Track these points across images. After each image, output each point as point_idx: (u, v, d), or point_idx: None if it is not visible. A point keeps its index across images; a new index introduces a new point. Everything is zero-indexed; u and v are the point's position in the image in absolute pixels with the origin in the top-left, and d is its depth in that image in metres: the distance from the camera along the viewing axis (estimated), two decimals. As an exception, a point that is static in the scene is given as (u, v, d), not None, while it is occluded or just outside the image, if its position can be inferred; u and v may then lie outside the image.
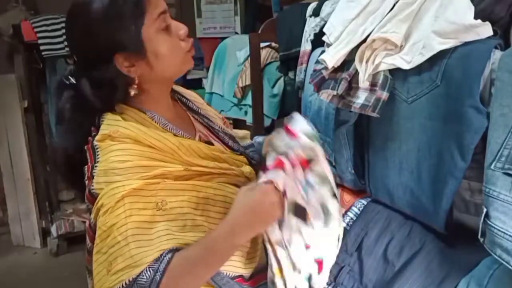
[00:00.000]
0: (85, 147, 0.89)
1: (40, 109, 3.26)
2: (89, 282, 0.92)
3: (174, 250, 0.79)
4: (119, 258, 0.76)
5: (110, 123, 0.87)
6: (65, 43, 2.93)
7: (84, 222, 3.17)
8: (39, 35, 2.88)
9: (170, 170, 0.84)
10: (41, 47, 2.90)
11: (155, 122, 0.91)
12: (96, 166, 0.84)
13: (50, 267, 3.00)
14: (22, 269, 2.98)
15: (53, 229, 3.11)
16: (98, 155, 0.84)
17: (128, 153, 0.83)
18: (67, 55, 2.98)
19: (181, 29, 0.90)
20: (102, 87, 0.87)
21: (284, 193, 0.81)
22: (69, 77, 0.90)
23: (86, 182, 0.86)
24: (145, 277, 0.74)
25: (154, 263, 0.76)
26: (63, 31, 2.93)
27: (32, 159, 3.20)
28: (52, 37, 2.91)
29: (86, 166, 0.87)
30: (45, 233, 3.25)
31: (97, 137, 0.86)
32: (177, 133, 0.92)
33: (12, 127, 3.17)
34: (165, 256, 0.77)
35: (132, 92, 0.89)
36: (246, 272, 0.91)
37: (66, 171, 0.94)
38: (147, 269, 0.75)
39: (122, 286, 0.75)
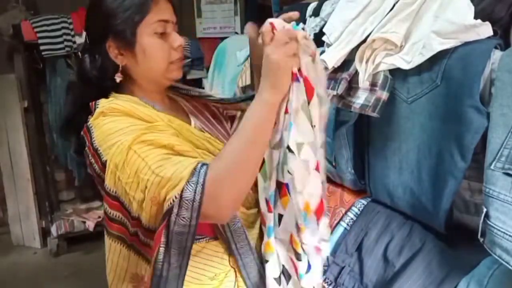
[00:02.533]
0: (81, 133, 0.94)
1: (40, 109, 3.27)
2: (107, 241, 0.96)
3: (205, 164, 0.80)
4: (157, 189, 0.79)
5: (104, 105, 0.92)
6: (65, 43, 2.95)
7: (84, 222, 3.18)
8: (39, 35, 2.88)
9: (159, 125, 0.89)
10: (41, 47, 2.90)
11: (149, 105, 0.97)
12: (94, 141, 0.89)
13: (50, 267, 3.00)
14: (22, 269, 2.99)
15: (53, 229, 3.12)
16: (92, 132, 0.90)
17: (120, 122, 0.88)
18: (67, 55, 2.99)
19: (177, 40, 0.98)
20: (96, 64, 0.96)
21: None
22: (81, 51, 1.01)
23: (92, 160, 0.90)
24: (188, 190, 0.76)
25: (192, 176, 0.77)
26: (63, 31, 2.94)
27: (32, 159, 3.20)
28: (52, 37, 2.91)
29: (86, 148, 0.91)
30: (45, 233, 3.25)
31: (92, 118, 0.91)
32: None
33: (12, 127, 3.18)
34: (201, 167, 0.78)
35: (118, 79, 0.97)
36: None
37: (66, 133, 1.03)
38: (188, 183, 0.77)
39: (170, 204, 0.77)
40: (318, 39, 1.25)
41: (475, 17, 0.84)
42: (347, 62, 1.06)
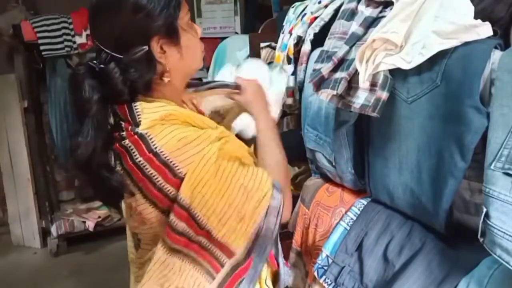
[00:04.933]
0: (123, 143, 0.87)
1: (40, 109, 3.27)
2: (158, 253, 0.90)
3: None
4: (246, 203, 0.88)
5: (155, 110, 0.89)
6: (65, 43, 2.94)
7: (84, 222, 3.18)
8: (39, 35, 2.88)
9: (226, 133, 0.96)
10: (41, 47, 2.90)
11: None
12: (161, 152, 0.85)
13: (50, 267, 3.00)
14: (22, 269, 2.99)
15: (53, 229, 3.12)
16: (153, 141, 0.85)
17: (185, 130, 0.88)
18: (67, 55, 2.99)
19: (199, 29, 0.99)
20: (131, 72, 0.87)
21: None
22: (94, 62, 0.88)
23: (155, 173, 0.85)
24: (276, 199, 0.90)
25: (273, 187, 0.91)
26: (63, 31, 2.94)
27: (32, 159, 3.20)
28: (52, 37, 2.91)
29: (138, 160, 0.85)
30: (45, 233, 3.25)
31: (144, 125, 0.86)
32: None
33: (12, 127, 3.18)
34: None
35: (166, 80, 0.93)
36: None
37: (89, 171, 0.89)
38: (273, 191, 0.90)
39: (263, 213, 0.89)
40: (318, 39, 1.25)
41: (475, 17, 0.84)
42: (347, 61, 1.06)
